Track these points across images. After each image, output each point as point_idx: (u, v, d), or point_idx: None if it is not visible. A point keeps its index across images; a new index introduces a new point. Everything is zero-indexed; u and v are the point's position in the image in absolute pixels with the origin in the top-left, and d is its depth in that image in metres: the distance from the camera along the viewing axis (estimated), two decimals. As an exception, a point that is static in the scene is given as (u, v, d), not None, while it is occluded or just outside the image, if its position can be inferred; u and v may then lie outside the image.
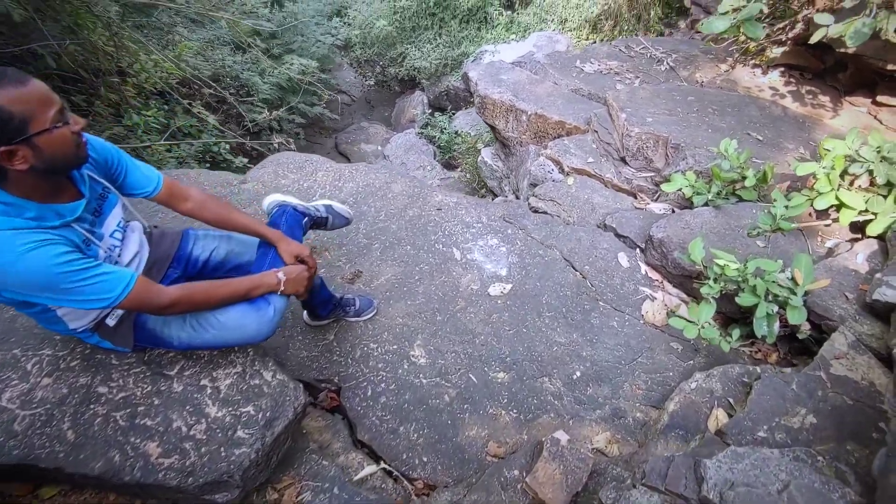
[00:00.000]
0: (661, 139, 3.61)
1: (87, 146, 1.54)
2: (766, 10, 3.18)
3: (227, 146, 7.23)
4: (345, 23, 10.14)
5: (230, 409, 1.90)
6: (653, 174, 3.67)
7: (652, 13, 8.46)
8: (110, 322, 1.79)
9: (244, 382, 1.99)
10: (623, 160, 3.81)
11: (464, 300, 2.87)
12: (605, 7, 8.86)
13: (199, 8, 5.67)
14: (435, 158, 9.11)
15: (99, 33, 5.85)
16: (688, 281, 2.90)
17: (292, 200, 2.32)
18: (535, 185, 3.95)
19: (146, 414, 1.81)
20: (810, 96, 4.17)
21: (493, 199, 4.90)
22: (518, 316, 2.81)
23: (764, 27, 3.82)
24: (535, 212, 3.59)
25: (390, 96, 11.33)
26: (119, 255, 1.74)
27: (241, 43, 7.03)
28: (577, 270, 3.06)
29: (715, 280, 2.57)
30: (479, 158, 5.12)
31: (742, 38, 4.83)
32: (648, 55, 5.27)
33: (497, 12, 9.76)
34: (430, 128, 9.33)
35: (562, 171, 3.91)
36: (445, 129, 9.13)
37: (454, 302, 2.86)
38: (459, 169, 8.59)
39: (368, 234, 3.17)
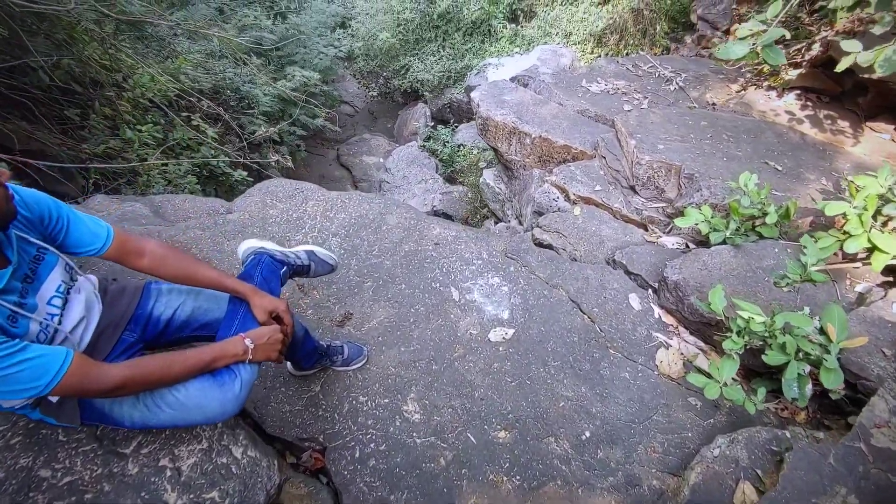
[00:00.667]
0: (673, 168, 3.33)
1: (14, 201, 1.27)
2: (788, 36, 2.91)
3: (227, 160, 6.98)
4: (349, 34, 9.89)
5: (192, 495, 1.62)
6: (664, 205, 3.39)
7: (658, 28, 8.20)
8: (52, 398, 1.51)
9: (210, 461, 1.70)
10: (633, 189, 3.52)
11: (462, 347, 2.59)
12: (611, 21, 8.59)
13: (189, 25, 5.41)
14: (437, 172, 8.85)
15: (94, 47, 5.61)
16: (706, 328, 2.62)
17: (270, 247, 2.04)
18: (539, 214, 3.67)
19: (92, 505, 1.53)
20: (829, 121, 3.88)
21: (495, 224, 4.62)
22: (521, 365, 2.52)
23: (781, 48, 3.54)
24: (540, 245, 3.31)
25: (393, 108, 11.08)
26: (59, 324, 1.46)
27: (236, 59, 6.75)
28: (584, 313, 2.78)
29: (738, 333, 2.28)
30: (481, 180, 4.84)
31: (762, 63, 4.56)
32: (657, 74, 4.99)
33: (501, 25, 9.50)
34: (432, 141, 9.07)
35: (568, 199, 3.62)
36: (448, 142, 8.87)
37: (452, 349, 2.58)
38: (461, 184, 8.33)
39: (360, 272, 2.89)
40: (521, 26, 9.64)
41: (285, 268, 2.00)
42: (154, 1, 5.98)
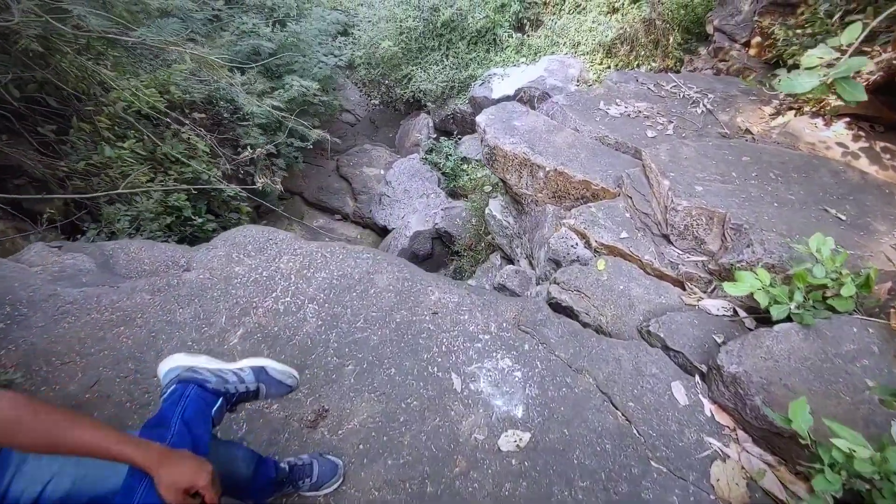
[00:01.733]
0: (715, 216, 2.69)
1: None
2: (874, 68, 2.31)
3: (220, 172, 6.34)
4: (350, 42, 9.22)
5: None
6: (705, 259, 2.75)
7: (671, 39, 7.52)
8: None
9: None
10: (666, 238, 2.88)
11: (465, 459, 1.96)
12: (621, 31, 7.92)
13: (156, 40, 4.77)
14: (439, 186, 8.22)
15: (69, 60, 4.97)
16: (776, 438, 1.98)
17: (202, 368, 1.41)
18: (556, 263, 3.03)
19: None
20: (888, 156, 3.23)
21: (501, 263, 3.98)
22: (539, 487, 1.89)
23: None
24: (558, 307, 2.66)
25: (395, 117, 10.41)
26: None
27: (217, 74, 6.10)
28: (618, 409, 2.14)
29: (832, 467, 1.65)
30: (487, 210, 4.20)
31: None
32: (681, 95, 4.34)
33: (506, 34, 8.82)
34: (434, 153, 8.42)
35: (588, 245, 2.99)
36: (451, 154, 8.22)
37: (452, 461, 1.95)
38: (465, 198, 7.68)
39: (341, 350, 2.25)
40: (528, 35, 8.97)
41: (221, 400, 1.37)
42: (129, 13, 5.33)
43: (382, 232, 8.19)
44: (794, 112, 3.87)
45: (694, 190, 2.81)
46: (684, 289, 2.73)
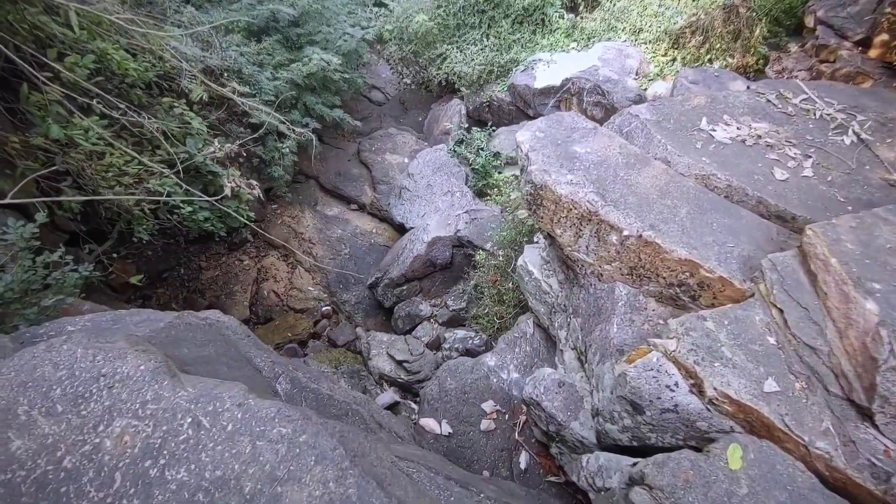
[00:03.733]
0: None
1: None
2: None
3: (221, 152, 4.94)
4: (381, 14, 7.62)
5: None
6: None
7: (756, 31, 5.74)
8: None
9: None
10: (859, 409, 1.42)
11: None
12: (693, 19, 6.15)
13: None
14: (466, 183, 6.74)
15: (21, 12, 3.63)
16: None
17: None
18: (635, 407, 1.61)
19: None
20: None
21: (534, 330, 2.57)
22: None
23: None
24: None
25: (427, 98, 8.82)
26: None
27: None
28: None
29: None
30: (520, 261, 2.70)
31: None
32: (816, 114, 2.74)
33: (557, 14, 7.08)
34: (464, 146, 6.92)
35: (700, 392, 1.55)
36: (483, 149, 6.70)
37: None
38: (493, 205, 6.18)
39: None
40: (581, 17, 7.19)
41: None
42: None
43: (400, 229, 6.82)
44: None
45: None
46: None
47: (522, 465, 2.25)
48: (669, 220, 1.96)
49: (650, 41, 6.46)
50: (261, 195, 3.91)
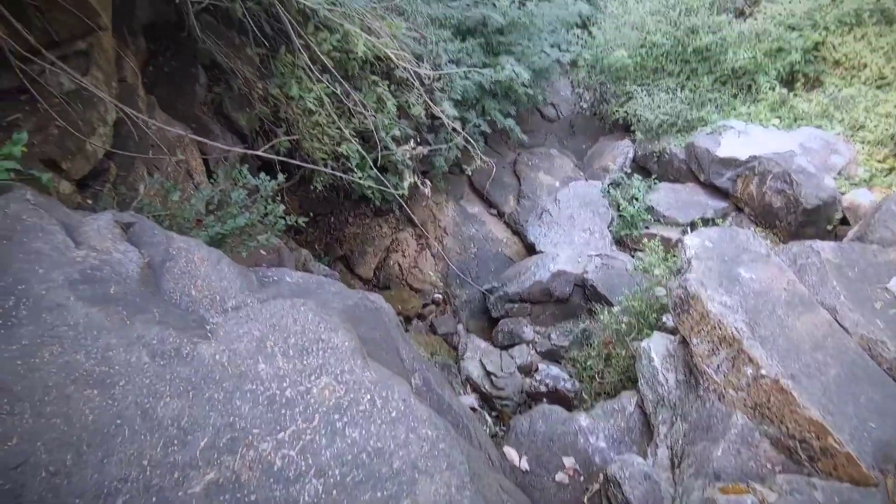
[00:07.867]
0: None
1: None
2: None
3: (398, 133, 5.63)
4: (583, 39, 7.73)
5: None
6: None
7: None
8: None
9: None
10: None
11: None
12: (935, 133, 5.45)
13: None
14: (609, 227, 6.76)
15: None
16: None
17: None
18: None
19: None
20: None
21: (632, 415, 2.71)
22: None
23: None
24: None
25: (597, 129, 8.82)
26: None
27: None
28: None
29: None
30: (643, 345, 2.84)
31: None
32: None
33: (769, 84, 6.66)
34: (620, 189, 6.90)
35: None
36: (638, 199, 6.63)
37: None
38: (632, 251, 6.15)
39: None
40: (795, 94, 6.68)
41: None
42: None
43: (530, 248, 7.06)
44: None
45: None
46: None
47: (583, 529, 2.45)
48: (814, 376, 1.98)
49: (869, 142, 5.83)
50: (423, 185, 4.42)
